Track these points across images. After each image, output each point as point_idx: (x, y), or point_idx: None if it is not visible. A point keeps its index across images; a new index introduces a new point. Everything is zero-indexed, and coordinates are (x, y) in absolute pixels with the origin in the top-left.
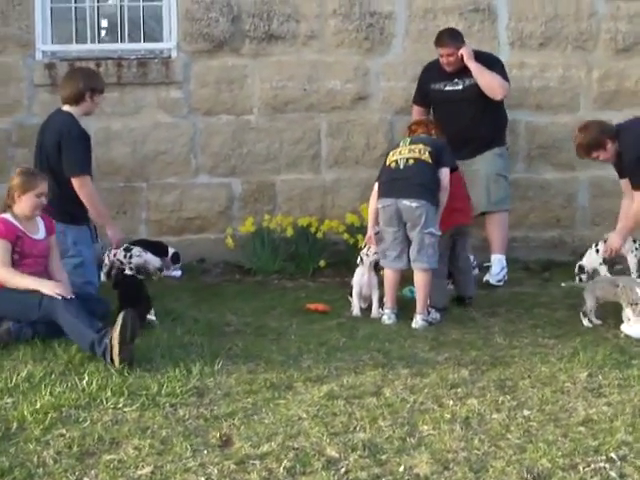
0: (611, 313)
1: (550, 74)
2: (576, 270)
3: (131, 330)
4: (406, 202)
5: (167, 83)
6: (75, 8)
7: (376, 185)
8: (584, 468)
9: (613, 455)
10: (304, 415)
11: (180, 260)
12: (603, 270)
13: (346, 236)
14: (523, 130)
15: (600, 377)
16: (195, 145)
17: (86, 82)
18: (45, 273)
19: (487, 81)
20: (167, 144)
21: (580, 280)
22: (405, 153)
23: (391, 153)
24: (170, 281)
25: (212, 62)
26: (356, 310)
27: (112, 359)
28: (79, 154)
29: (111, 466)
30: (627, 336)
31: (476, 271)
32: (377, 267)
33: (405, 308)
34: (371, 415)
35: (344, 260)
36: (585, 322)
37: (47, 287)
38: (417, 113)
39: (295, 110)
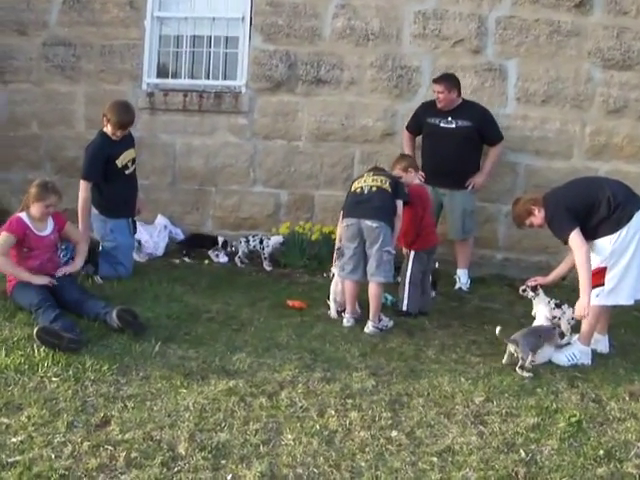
0: None
1: (549, 126)
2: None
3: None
4: (368, 222)
5: (236, 112)
6: (176, 52)
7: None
8: None
9: None
10: (192, 407)
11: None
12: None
13: None
14: (523, 171)
15: (494, 403)
16: (254, 162)
17: (107, 110)
18: (49, 262)
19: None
20: (232, 159)
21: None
22: (369, 182)
23: (356, 182)
24: (213, 266)
25: (272, 98)
26: (333, 313)
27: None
28: (85, 164)
29: None
30: (550, 362)
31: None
32: None
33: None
34: (249, 416)
35: None
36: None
37: (37, 280)
38: (408, 138)
39: (334, 140)
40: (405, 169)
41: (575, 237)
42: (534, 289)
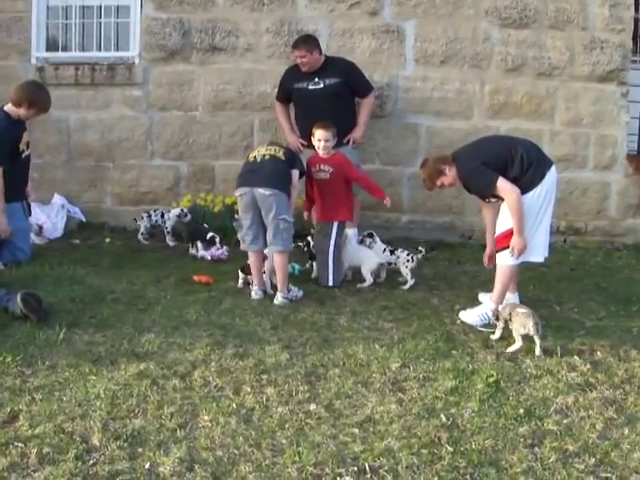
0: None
1: (449, 87)
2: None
3: None
4: (260, 190)
5: (130, 84)
6: (65, 24)
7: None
8: None
9: (367, 465)
10: (102, 395)
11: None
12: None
13: None
14: (424, 132)
15: (410, 368)
16: (151, 134)
17: (28, 94)
18: None
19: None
20: (129, 133)
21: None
22: (262, 151)
23: (251, 153)
24: (115, 244)
25: (166, 68)
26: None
27: None
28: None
29: None
30: (463, 322)
31: None
32: None
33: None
34: (163, 400)
35: None
36: None
37: None
38: (281, 108)
39: (232, 109)
40: (334, 135)
41: (503, 183)
42: (371, 235)
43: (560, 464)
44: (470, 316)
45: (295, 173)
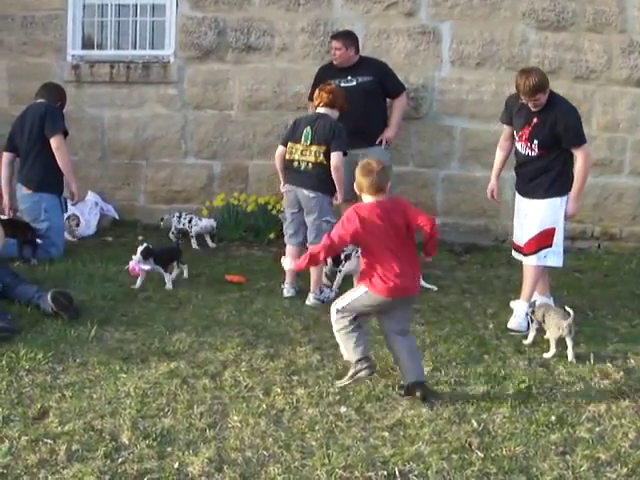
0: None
1: (485, 89)
2: None
3: None
4: (305, 191)
5: (165, 82)
6: (101, 22)
7: (279, 147)
8: None
9: (397, 469)
10: (132, 393)
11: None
12: None
13: None
14: (459, 135)
15: (442, 372)
16: (185, 133)
17: (62, 95)
18: None
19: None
20: (163, 131)
21: None
22: (306, 155)
23: (293, 146)
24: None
25: (201, 67)
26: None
27: None
28: (57, 119)
29: None
30: (495, 327)
31: None
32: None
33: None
34: (193, 399)
35: None
36: None
37: None
38: (312, 108)
39: (267, 108)
40: None
41: (587, 147)
42: None
43: (592, 473)
44: (515, 323)
45: (335, 155)
